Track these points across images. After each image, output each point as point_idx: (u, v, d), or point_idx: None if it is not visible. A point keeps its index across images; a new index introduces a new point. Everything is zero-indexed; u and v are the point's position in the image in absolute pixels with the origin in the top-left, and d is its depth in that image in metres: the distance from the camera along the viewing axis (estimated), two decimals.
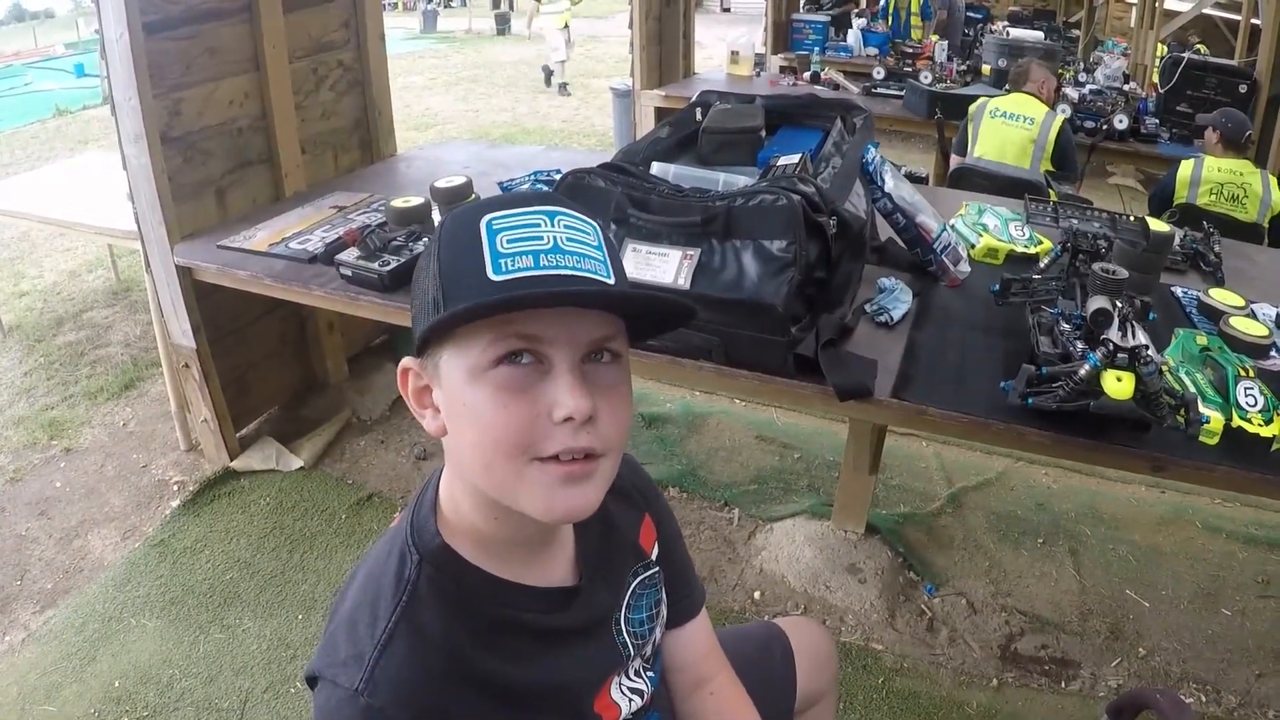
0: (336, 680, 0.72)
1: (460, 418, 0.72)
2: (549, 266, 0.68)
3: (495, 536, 0.78)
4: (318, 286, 2.10)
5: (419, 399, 0.76)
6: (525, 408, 0.69)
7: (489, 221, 0.70)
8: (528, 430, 0.69)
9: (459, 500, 0.78)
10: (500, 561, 0.79)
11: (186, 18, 2.30)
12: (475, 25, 17.24)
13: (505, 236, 0.69)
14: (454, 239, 0.71)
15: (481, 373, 0.69)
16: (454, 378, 0.71)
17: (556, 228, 0.70)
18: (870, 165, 1.89)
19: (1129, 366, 1.32)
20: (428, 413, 0.76)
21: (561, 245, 0.69)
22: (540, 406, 0.69)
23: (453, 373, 0.71)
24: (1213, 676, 2.00)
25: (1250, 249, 2.53)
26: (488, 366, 0.69)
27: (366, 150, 3.15)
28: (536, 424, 0.69)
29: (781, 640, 1.24)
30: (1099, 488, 2.65)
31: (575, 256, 0.69)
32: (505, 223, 0.70)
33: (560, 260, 0.68)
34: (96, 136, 7.46)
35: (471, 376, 0.70)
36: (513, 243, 0.68)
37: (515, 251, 0.68)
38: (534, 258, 0.68)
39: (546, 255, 0.68)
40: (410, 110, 8.58)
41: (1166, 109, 4.53)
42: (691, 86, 4.76)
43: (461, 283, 0.68)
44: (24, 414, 3.06)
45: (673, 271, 1.56)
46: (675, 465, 2.72)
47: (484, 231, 0.69)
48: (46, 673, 2.00)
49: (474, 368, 0.69)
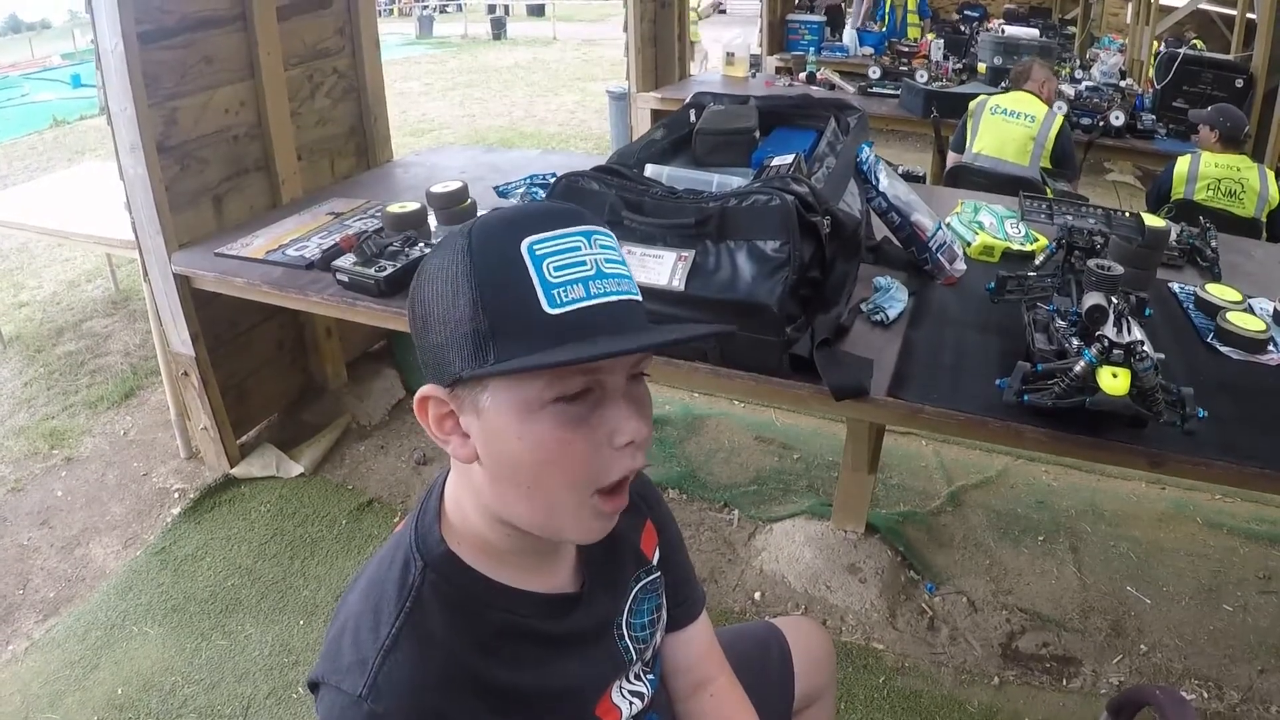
0: (340, 686, 0.72)
1: (510, 451, 0.70)
2: (599, 295, 0.67)
3: (501, 546, 0.78)
4: (315, 293, 2.10)
5: (440, 425, 0.74)
6: (587, 439, 0.69)
7: (531, 245, 0.67)
8: (593, 460, 0.70)
9: (466, 510, 0.78)
10: (504, 568, 0.79)
11: (181, 27, 2.30)
12: (471, 30, 17.29)
13: (552, 264, 0.67)
14: (492, 262, 0.67)
15: (539, 408, 0.68)
16: (501, 411, 0.69)
17: (595, 249, 0.69)
18: (865, 164, 1.90)
19: (1124, 363, 1.32)
20: (454, 439, 0.74)
21: (604, 269, 0.69)
22: (600, 434, 0.70)
23: (500, 406, 0.69)
24: (1215, 673, 2.00)
25: (1247, 244, 2.53)
26: (547, 402, 0.68)
27: (363, 156, 3.15)
28: (599, 453, 0.70)
29: (779, 640, 1.24)
30: (1099, 485, 2.65)
31: (615, 279, 0.69)
32: (548, 246, 0.67)
33: (606, 286, 0.68)
34: (93, 146, 7.47)
35: (526, 411, 0.68)
36: (560, 270, 0.67)
37: (566, 280, 0.67)
38: (584, 286, 0.67)
39: (595, 282, 0.68)
40: (406, 116, 8.60)
41: (1163, 105, 4.53)
42: (687, 88, 4.77)
43: (514, 316, 0.66)
44: (25, 424, 3.07)
45: (667, 273, 1.56)
46: (675, 467, 2.72)
47: (527, 256, 0.67)
48: (49, 681, 2.00)
49: (529, 402, 0.68)
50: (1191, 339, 1.80)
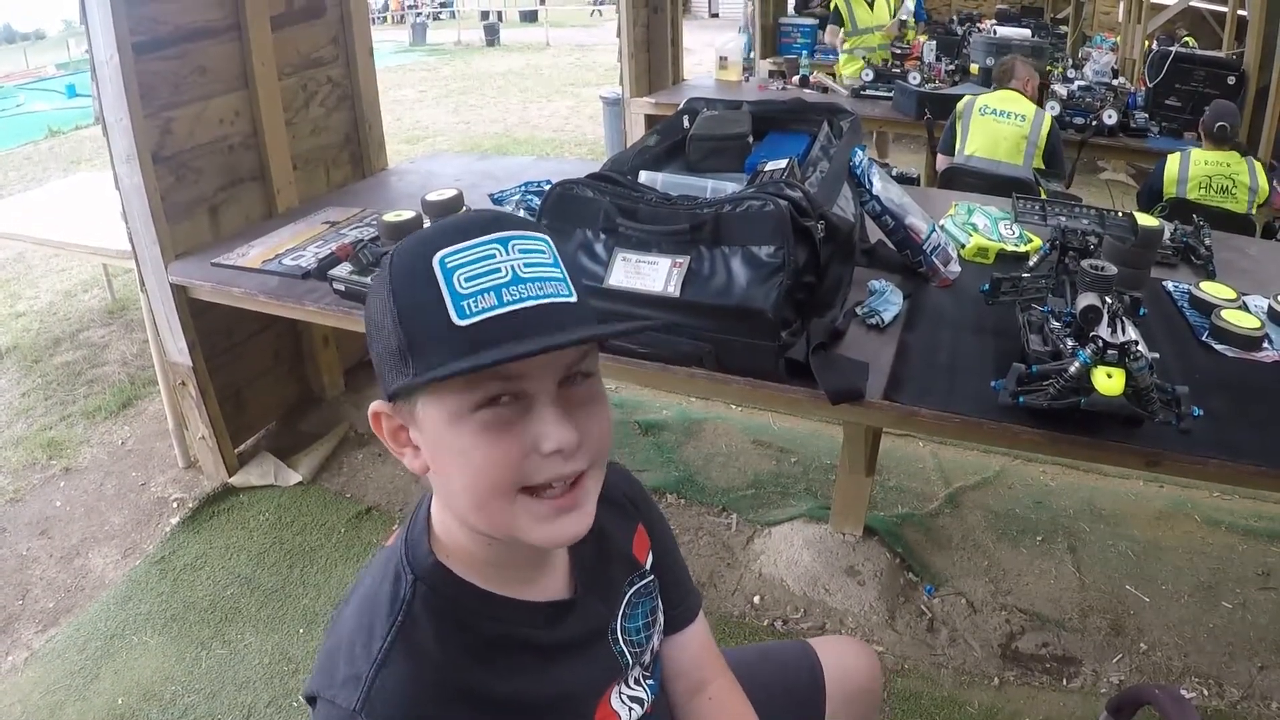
0: (335, 700, 0.72)
1: (445, 460, 0.71)
2: (512, 301, 0.66)
3: (483, 555, 0.78)
4: (312, 302, 2.11)
5: (395, 438, 0.76)
6: (512, 445, 0.69)
7: (441, 259, 0.67)
8: (517, 467, 0.69)
9: (450, 525, 0.79)
10: (494, 578, 0.79)
11: (175, 37, 2.31)
12: (464, 37, 17.31)
13: (462, 275, 0.67)
14: (408, 279, 0.68)
15: (463, 416, 0.68)
16: (433, 422, 0.70)
17: (511, 254, 0.68)
18: (858, 168, 1.90)
19: (1119, 363, 1.33)
20: (407, 451, 0.76)
21: (520, 274, 0.68)
22: (526, 441, 0.69)
23: (431, 418, 0.70)
24: (1215, 670, 2.00)
25: (1241, 241, 2.54)
26: (468, 410, 0.68)
27: (358, 165, 3.16)
28: (526, 460, 0.69)
29: (810, 660, 1.18)
30: (1097, 484, 2.65)
31: (536, 283, 0.68)
32: (458, 258, 0.67)
33: (523, 291, 0.67)
34: (89, 156, 7.47)
35: (452, 420, 0.69)
36: (471, 280, 0.66)
37: (475, 290, 0.66)
38: (496, 294, 0.66)
39: (508, 289, 0.67)
40: (401, 123, 8.61)
41: (1155, 103, 4.54)
42: (681, 93, 4.77)
43: (426, 332, 0.67)
44: (23, 434, 3.07)
45: (662, 279, 1.57)
46: (672, 472, 2.72)
47: (438, 270, 0.67)
48: (49, 691, 2.00)
49: (454, 413, 0.69)
50: (1186, 337, 1.80)
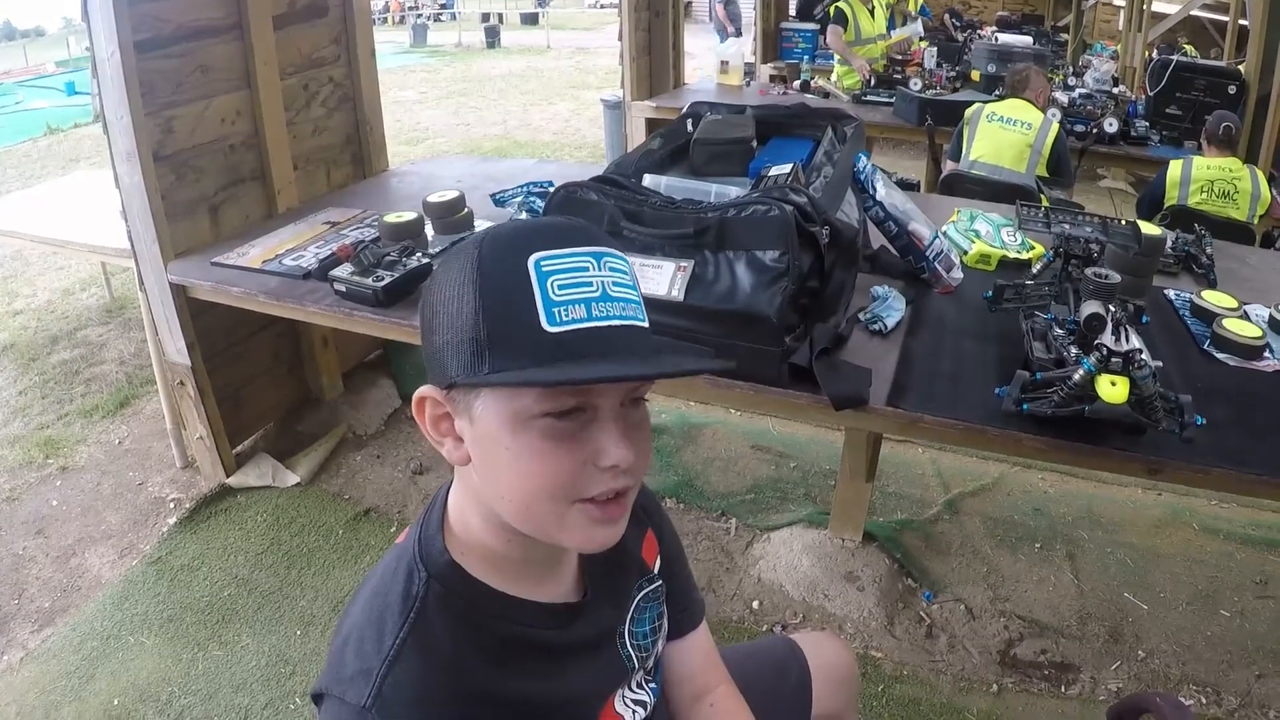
0: (344, 697, 0.72)
1: (496, 457, 0.71)
2: (600, 318, 0.67)
3: (506, 556, 0.78)
4: (312, 303, 2.10)
5: (436, 426, 0.75)
6: (572, 456, 0.69)
7: (538, 261, 0.67)
8: (574, 476, 0.70)
9: (470, 520, 0.78)
10: (507, 578, 0.79)
11: (177, 36, 2.30)
12: (465, 39, 17.30)
13: (556, 281, 0.67)
14: (498, 274, 0.68)
15: (527, 421, 0.69)
16: (492, 419, 0.70)
17: (603, 270, 0.69)
18: (862, 174, 1.90)
19: (1123, 371, 1.33)
20: (447, 441, 0.75)
21: (609, 292, 0.69)
22: (585, 453, 0.70)
23: (491, 414, 0.70)
24: (1213, 678, 2.00)
25: (1242, 250, 2.55)
26: (535, 416, 0.68)
27: (359, 166, 3.15)
28: (582, 470, 0.70)
29: (797, 657, 1.22)
30: (1096, 491, 2.65)
31: (620, 303, 0.69)
32: (554, 264, 0.68)
33: (609, 310, 0.68)
34: (88, 154, 7.45)
35: (515, 422, 0.69)
36: (564, 289, 0.67)
37: (568, 300, 0.67)
38: (586, 307, 0.67)
39: (597, 304, 0.68)
40: (401, 125, 8.60)
41: (1156, 111, 4.55)
42: (682, 97, 4.77)
43: (511, 330, 0.67)
44: (19, 433, 3.06)
45: (666, 283, 1.56)
46: (672, 476, 2.72)
47: (533, 272, 0.67)
48: (45, 692, 1.99)
49: (519, 415, 0.69)
50: (1188, 346, 1.81)
